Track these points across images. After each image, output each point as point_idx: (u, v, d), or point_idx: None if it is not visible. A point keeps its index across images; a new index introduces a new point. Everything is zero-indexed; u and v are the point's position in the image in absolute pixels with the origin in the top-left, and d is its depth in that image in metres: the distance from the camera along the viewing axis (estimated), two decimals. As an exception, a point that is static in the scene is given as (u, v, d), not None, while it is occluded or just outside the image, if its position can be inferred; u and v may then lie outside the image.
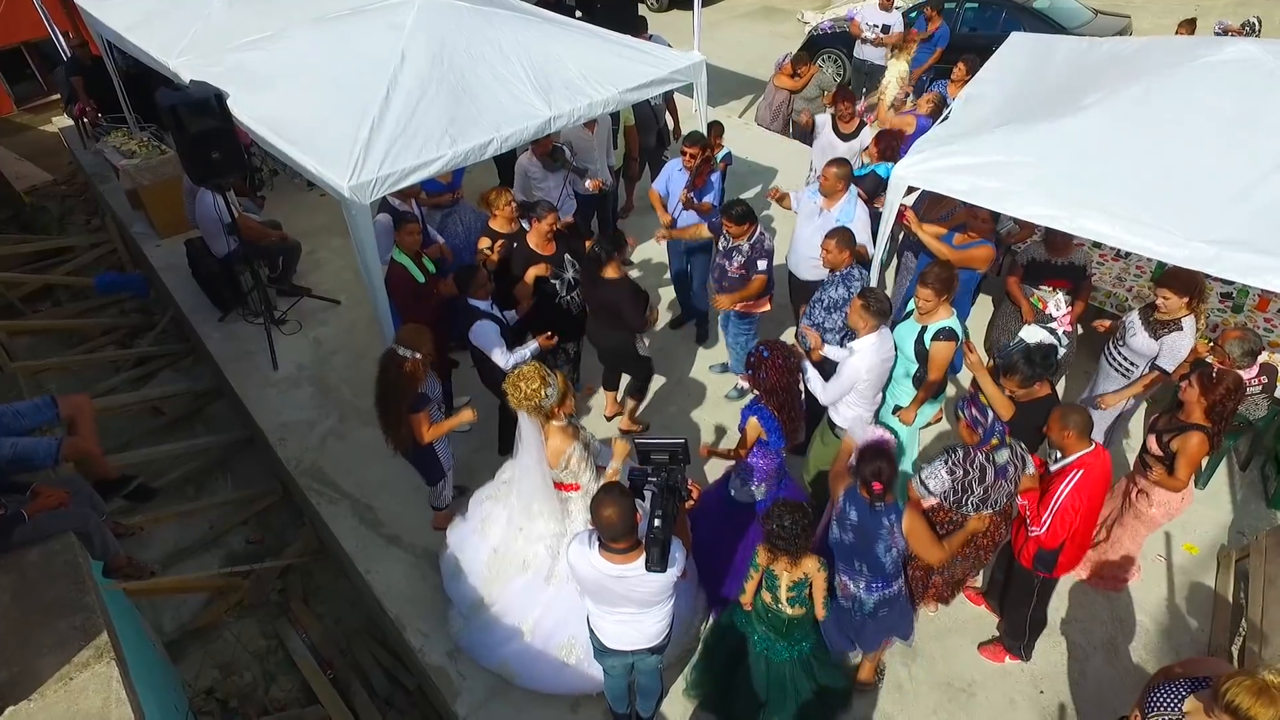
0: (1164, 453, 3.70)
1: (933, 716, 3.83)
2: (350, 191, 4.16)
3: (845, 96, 6.32)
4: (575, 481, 3.56)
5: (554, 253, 4.78)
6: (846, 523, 3.28)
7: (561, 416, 3.44)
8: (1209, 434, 3.56)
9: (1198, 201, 3.66)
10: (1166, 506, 3.84)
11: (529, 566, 3.79)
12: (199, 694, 4.48)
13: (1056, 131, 4.09)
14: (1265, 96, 3.90)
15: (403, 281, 4.63)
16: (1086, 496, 3.33)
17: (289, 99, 4.96)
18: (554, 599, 3.74)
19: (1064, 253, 4.93)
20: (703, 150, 5.27)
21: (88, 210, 9.24)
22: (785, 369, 3.64)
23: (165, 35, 5.98)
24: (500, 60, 5.05)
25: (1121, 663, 4.04)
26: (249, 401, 5.71)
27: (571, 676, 3.75)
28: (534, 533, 3.74)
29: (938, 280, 3.94)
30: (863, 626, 3.47)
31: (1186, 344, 4.12)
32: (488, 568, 3.91)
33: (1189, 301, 4.07)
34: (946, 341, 3.93)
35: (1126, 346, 4.32)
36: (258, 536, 5.46)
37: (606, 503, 2.73)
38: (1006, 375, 3.75)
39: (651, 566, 2.74)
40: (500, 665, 3.86)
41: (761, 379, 3.66)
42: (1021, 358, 3.72)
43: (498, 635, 3.84)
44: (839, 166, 4.85)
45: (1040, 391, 3.80)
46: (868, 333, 3.91)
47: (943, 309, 3.98)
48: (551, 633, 3.75)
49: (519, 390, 3.32)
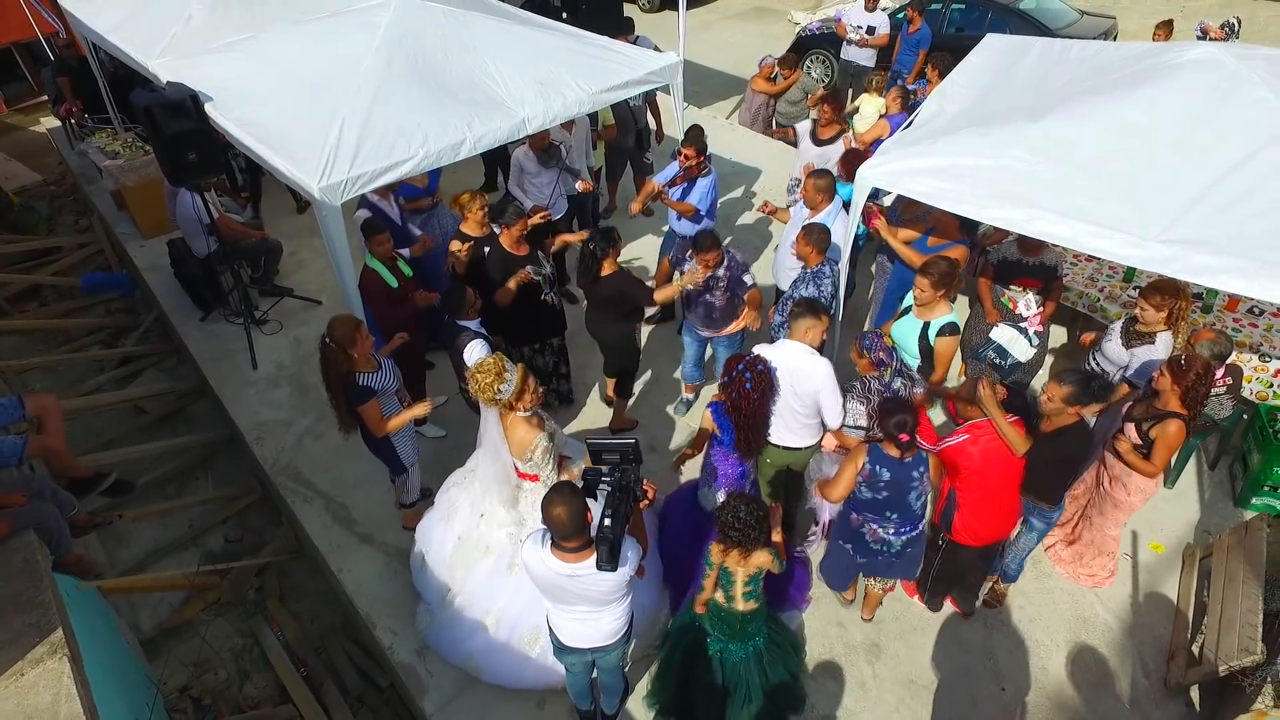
0: (1143, 440, 3.74)
1: (895, 714, 3.87)
2: (320, 193, 4.18)
3: (828, 100, 6.27)
4: (536, 473, 3.59)
5: (526, 253, 4.82)
6: (880, 484, 3.46)
7: (523, 408, 3.46)
8: (1186, 421, 3.60)
9: (1157, 202, 3.69)
10: (1144, 492, 3.90)
11: (491, 552, 3.82)
12: (173, 691, 4.51)
13: (1019, 134, 4.11)
14: (1226, 98, 3.93)
15: (376, 287, 4.67)
16: (978, 456, 3.57)
17: (264, 100, 4.99)
18: (516, 588, 3.76)
19: (1036, 253, 4.95)
20: (698, 154, 5.28)
21: (76, 210, 9.28)
22: (748, 397, 3.59)
23: (145, 37, 6.01)
24: (475, 62, 5.08)
25: (1084, 660, 4.07)
26: (228, 401, 5.75)
27: (536, 670, 3.78)
28: (494, 519, 3.78)
29: (938, 273, 3.97)
30: (890, 565, 3.82)
31: (1158, 359, 4.13)
32: (453, 555, 3.95)
33: (1167, 317, 4.10)
34: (951, 337, 3.97)
35: (1101, 353, 4.37)
36: (237, 535, 5.50)
37: (556, 501, 2.77)
38: (1059, 382, 3.49)
39: (602, 565, 2.77)
40: (467, 659, 3.90)
41: (732, 395, 3.63)
42: (1082, 378, 3.51)
43: (464, 629, 3.87)
44: (819, 178, 4.88)
45: (1067, 419, 3.56)
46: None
47: (942, 304, 4.02)
48: (515, 624, 3.79)
49: (477, 382, 3.37)
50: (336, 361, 3.82)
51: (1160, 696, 3.92)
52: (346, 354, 3.81)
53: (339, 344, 3.78)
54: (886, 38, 9.03)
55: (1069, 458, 3.66)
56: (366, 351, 3.91)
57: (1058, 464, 3.65)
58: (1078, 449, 3.66)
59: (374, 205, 5.24)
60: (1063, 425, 3.56)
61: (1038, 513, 3.86)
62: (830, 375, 3.77)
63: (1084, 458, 3.87)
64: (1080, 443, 3.65)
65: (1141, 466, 3.75)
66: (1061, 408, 3.51)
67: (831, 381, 3.77)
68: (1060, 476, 3.75)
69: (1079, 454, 3.71)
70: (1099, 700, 3.91)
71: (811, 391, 3.77)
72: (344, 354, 3.81)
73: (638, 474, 3.00)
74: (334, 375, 3.85)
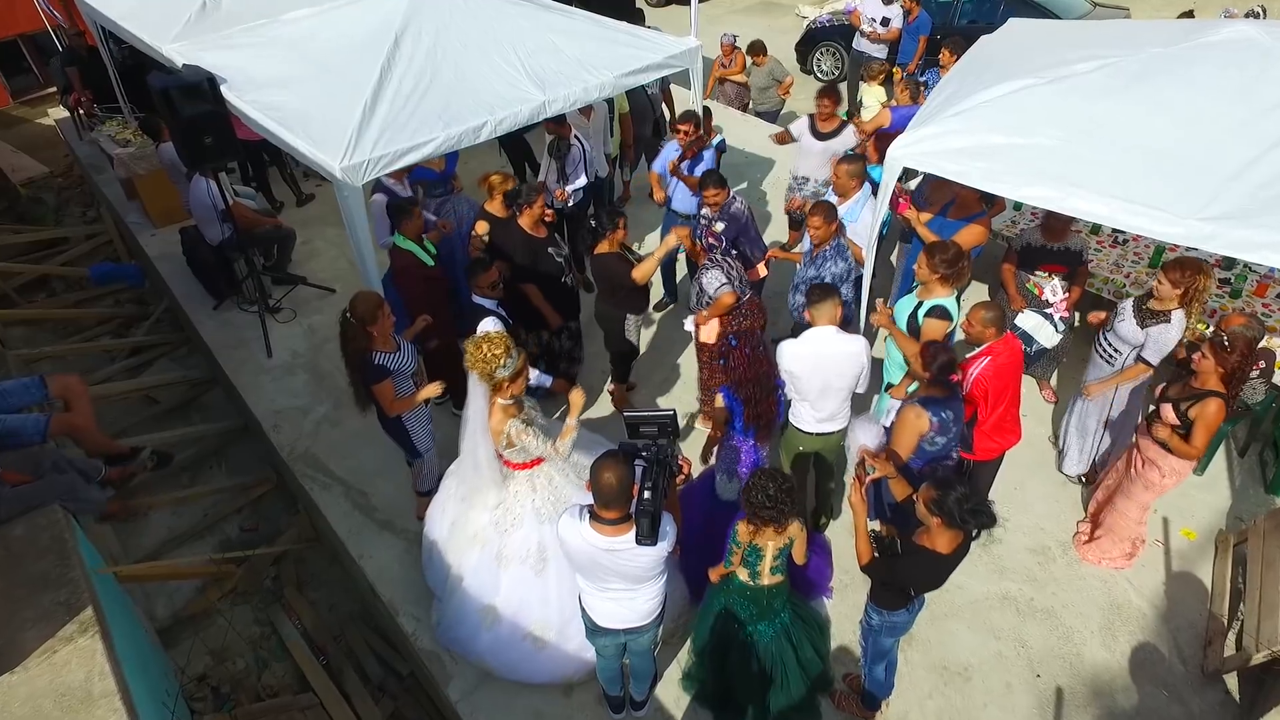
0: (1181, 421, 3.67)
1: (928, 700, 3.80)
2: (342, 173, 4.13)
3: (826, 93, 6.01)
4: (521, 460, 3.52)
5: (545, 236, 4.77)
6: (949, 426, 3.50)
7: (508, 395, 3.37)
8: (1226, 400, 3.53)
9: (1194, 179, 3.63)
10: (1178, 474, 3.83)
11: (478, 541, 3.73)
12: (191, 680, 4.45)
13: (1050, 112, 4.05)
14: (1262, 75, 3.86)
15: (413, 267, 4.57)
16: (994, 378, 3.72)
17: (282, 84, 4.94)
18: (511, 585, 3.67)
19: (1060, 238, 4.90)
20: (695, 128, 5.32)
21: (84, 202, 9.23)
22: (751, 360, 3.56)
23: (159, 21, 5.96)
24: (494, 46, 5.04)
25: (1119, 648, 4.01)
26: (243, 389, 5.69)
27: (546, 664, 3.71)
28: (480, 501, 3.69)
29: (939, 255, 3.90)
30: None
31: (1173, 338, 4.07)
32: (448, 543, 3.89)
33: (1182, 295, 4.04)
34: (940, 320, 3.90)
35: (1114, 332, 4.29)
36: (252, 524, 5.43)
37: (607, 466, 2.69)
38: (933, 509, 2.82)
39: (642, 539, 2.71)
40: (478, 660, 3.84)
41: (730, 367, 3.59)
42: (943, 502, 2.77)
43: (468, 627, 3.80)
44: (850, 164, 4.83)
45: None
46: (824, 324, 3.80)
47: (940, 287, 3.95)
48: (515, 620, 3.69)
49: (480, 351, 3.26)
50: (355, 338, 3.78)
51: (1198, 683, 3.85)
52: (365, 331, 3.77)
53: (359, 320, 3.74)
54: (898, 31, 8.98)
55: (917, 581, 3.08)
56: (386, 331, 3.86)
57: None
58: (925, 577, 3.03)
59: (389, 189, 5.18)
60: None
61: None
62: (869, 348, 3.85)
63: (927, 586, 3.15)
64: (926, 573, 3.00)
65: (1182, 449, 3.69)
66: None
67: (870, 355, 3.85)
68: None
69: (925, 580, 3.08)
70: (1136, 687, 3.85)
71: (858, 368, 3.81)
72: (363, 331, 3.76)
73: (675, 448, 2.93)
74: (351, 351, 3.81)
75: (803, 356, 3.77)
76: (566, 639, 3.65)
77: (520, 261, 4.67)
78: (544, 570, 3.61)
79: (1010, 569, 4.37)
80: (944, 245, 3.96)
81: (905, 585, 3.07)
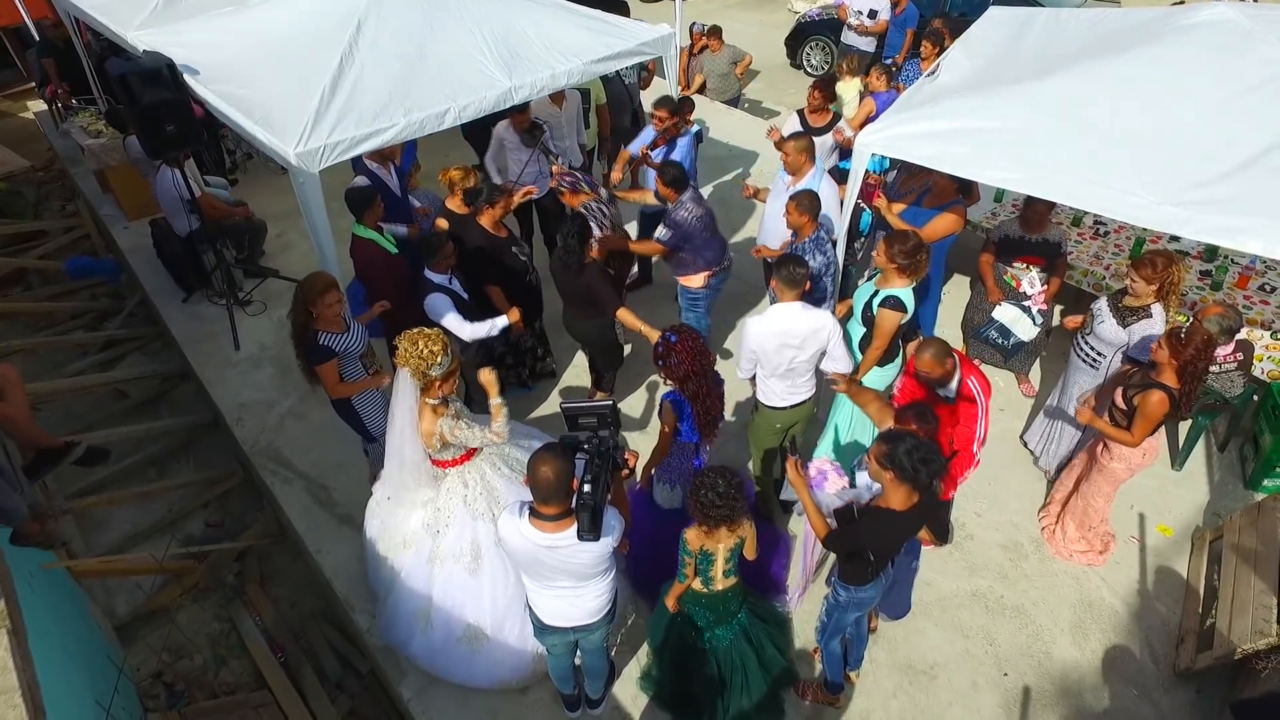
0: (1127, 408, 3.58)
1: (892, 700, 3.71)
2: (296, 159, 4.03)
3: (817, 84, 5.86)
4: (449, 458, 3.43)
5: (506, 236, 4.68)
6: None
7: (437, 394, 3.27)
8: (1172, 394, 3.43)
9: (1170, 164, 3.54)
10: (1127, 461, 3.76)
11: (409, 545, 3.63)
12: (146, 677, 4.36)
13: (1026, 96, 3.97)
14: (1240, 59, 3.78)
15: (374, 255, 4.47)
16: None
17: (244, 70, 4.83)
18: (444, 587, 3.56)
19: (1039, 229, 4.80)
20: (671, 114, 5.21)
21: (64, 196, 9.14)
22: (695, 353, 3.43)
23: (126, 10, 5.86)
24: (461, 32, 4.92)
25: (1089, 646, 3.91)
26: (209, 382, 5.61)
27: (483, 667, 3.60)
28: (405, 500, 3.60)
29: (897, 244, 3.79)
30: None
31: (1157, 332, 3.97)
32: (380, 544, 3.80)
33: (1158, 289, 3.93)
34: (893, 311, 3.80)
35: (1094, 335, 4.16)
36: (217, 519, 5.35)
37: (544, 460, 2.59)
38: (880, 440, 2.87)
39: (583, 535, 2.62)
40: (415, 662, 3.75)
41: (673, 365, 3.44)
42: (893, 454, 2.74)
43: (403, 633, 3.71)
44: (798, 140, 4.71)
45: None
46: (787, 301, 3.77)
47: (897, 277, 3.84)
48: (448, 623, 3.58)
49: (415, 347, 3.15)
50: (296, 312, 3.74)
51: (1169, 682, 3.75)
52: (306, 310, 3.70)
53: (301, 295, 3.69)
54: (886, 24, 8.88)
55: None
56: (331, 312, 3.77)
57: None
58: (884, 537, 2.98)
59: (373, 174, 5.05)
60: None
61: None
62: (837, 324, 3.84)
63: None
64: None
65: (1116, 435, 3.60)
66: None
67: (839, 330, 3.84)
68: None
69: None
70: (1105, 686, 3.75)
71: (822, 344, 3.80)
72: (304, 310, 3.70)
73: (618, 440, 2.84)
74: (293, 325, 3.77)
75: (767, 334, 3.71)
76: (503, 641, 3.55)
77: (482, 261, 4.56)
78: (478, 570, 3.51)
79: (981, 565, 4.28)
80: (904, 235, 3.85)
81: (864, 549, 2.95)
